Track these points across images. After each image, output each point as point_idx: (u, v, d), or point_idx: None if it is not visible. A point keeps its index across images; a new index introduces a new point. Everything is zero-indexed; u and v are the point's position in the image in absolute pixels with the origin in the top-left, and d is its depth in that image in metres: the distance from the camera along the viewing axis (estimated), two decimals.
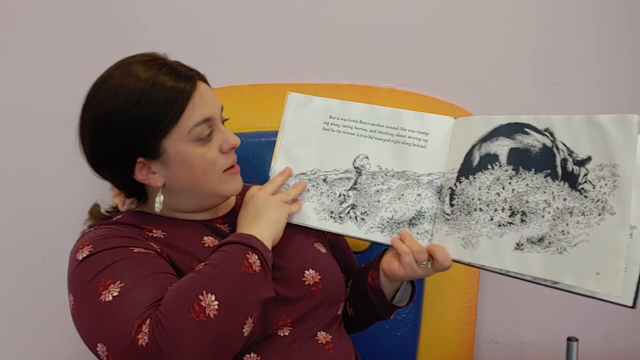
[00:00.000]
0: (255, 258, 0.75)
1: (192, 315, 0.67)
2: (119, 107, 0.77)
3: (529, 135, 0.81)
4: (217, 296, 0.69)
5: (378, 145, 0.91)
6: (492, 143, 0.84)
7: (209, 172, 0.82)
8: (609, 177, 0.72)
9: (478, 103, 1.32)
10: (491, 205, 0.82)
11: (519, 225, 0.79)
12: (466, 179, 0.85)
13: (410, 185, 0.89)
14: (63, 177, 1.34)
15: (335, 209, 0.90)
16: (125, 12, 1.30)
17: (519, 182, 0.81)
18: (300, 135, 0.94)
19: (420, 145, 0.89)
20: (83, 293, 0.73)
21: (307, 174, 0.93)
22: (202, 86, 0.82)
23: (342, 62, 1.33)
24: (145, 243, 0.79)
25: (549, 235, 0.76)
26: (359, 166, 0.91)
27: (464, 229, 0.83)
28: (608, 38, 1.35)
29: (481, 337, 1.41)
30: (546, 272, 0.76)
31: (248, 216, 0.84)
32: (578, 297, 1.44)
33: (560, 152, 0.78)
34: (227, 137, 0.84)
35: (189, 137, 0.79)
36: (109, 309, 0.69)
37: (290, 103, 0.95)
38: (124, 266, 0.73)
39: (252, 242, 0.77)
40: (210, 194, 0.85)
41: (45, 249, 1.35)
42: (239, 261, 0.74)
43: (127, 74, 0.78)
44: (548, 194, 0.78)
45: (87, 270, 0.74)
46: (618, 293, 0.69)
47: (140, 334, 0.66)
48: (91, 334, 0.71)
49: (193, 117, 0.79)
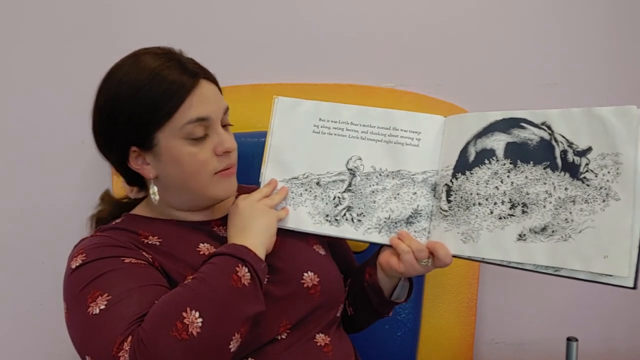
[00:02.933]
0: (245, 271, 0.73)
1: (174, 334, 0.65)
2: (120, 95, 0.79)
3: (526, 129, 0.82)
4: (201, 313, 0.67)
5: (371, 146, 0.91)
6: (488, 138, 0.85)
7: (199, 173, 0.82)
8: (611, 165, 0.75)
9: (478, 103, 1.32)
10: (490, 199, 0.82)
11: (520, 217, 0.80)
12: (462, 175, 0.85)
13: (406, 184, 0.89)
14: (63, 177, 1.34)
15: (331, 211, 0.90)
16: (125, 12, 1.30)
17: (517, 175, 0.81)
18: (289, 139, 0.93)
19: (413, 144, 0.89)
20: (73, 303, 0.73)
21: (299, 178, 0.92)
22: (206, 86, 0.81)
23: (342, 62, 1.33)
24: (138, 252, 0.78)
25: (552, 224, 0.78)
26: (353, 167, 0.91)
27: (463, 224, 0.84)
28: (608, 38, 1.35)
29: (481, 337, 1.41)
30: (552, 260, 0.77)
31: (236, 227, 0.82)
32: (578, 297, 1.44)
33: (559, 144, 0.79)
34: (223, 140, 0.82)
35: (181, 134, 0.79)
36: (95, 322, 0.69)
37: (278, 107, 0.94)
38: (113, 278, 0.73)
39: (243, 253, 0.75)
40: (200, 194, 0.84)
41: (45, 249, 1.35)
42: (228, 275, 0.72)
43: (136, 64, 0.80)
44: (549, 185, 0.79)
45: (78, 279, 0.74)
46: (626, 274, 0.72)
47: (121, 352, 0.65)
48: (80, 346, 0.71)
49: (188, 115, 0.78)
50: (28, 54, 1.31)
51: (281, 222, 0.88)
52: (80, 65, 1.30)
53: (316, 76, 1.32)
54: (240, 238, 0.79)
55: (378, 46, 1.33)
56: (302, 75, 1.32)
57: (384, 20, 1.32)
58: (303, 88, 1.31)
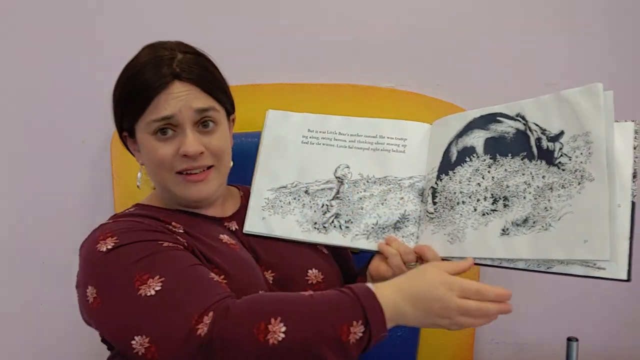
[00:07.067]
0: (361, 330, 0.66)
1: (254, 330, 0.65)
2: (118, 83, 0.86)
3: (502, 123, 0.83)
4: (287, 330, 0.65)
5: (358, 154, 0.92)
6: (468, 136, 0.85)
7: (158, 168, 0.85)
8: (583, 146, 0.74)
9: (478, 103, 1.31)
10: (473, 197, 0.82)
11: (502, 211, 0.79)
12: (446, 176, 0.85)
13: (393, 190, 0.89)
14: (63, 177, 1.34)
15: (319, 219, 0.91)
16: (125, 12, 1.30)
17: (497, 169, 0.81)
18: (279, 150, 0.95)
19: (399, 151, 0.90)
20: (112, 286, 0.73)
21: (287, 187, 0.93)
22: (178, 87, 0.82)
23: (342, 62, 1.33)
24: (172, 237, 0.79)
25: (533, 214, 0.77)
26: (341, 176, 0.92)
27: (449, 225, 0.83)
28: (608, 38, 1.35)
29: (481, 337, 1.41)
30: (535, 252, 0.75)
31: (416, 288, 0.70)
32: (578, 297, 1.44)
33: (533, 133, 0.79)
34: (185, 142, 0.82)
35: (148, 129, 0.83)
36: (155, 303, 0.69)
37: (269, 120, 0.98)
38: (158, 260, 0.73)
39: (375, 314, 0.67)
40: (169, 191, 0.87)
41: (45, 249, 1.35)
42: (341, 320, 0.66)
43: (136, 56, 0.86)
44: (527, 175, 0.79)
45: (115, 262, 0.74)
46: (607, 257, 0.70)
47: (200, 324, 0.66)
48: (126, 327, 0.70)
49: (154, 113, 0.82)
50: (28, 54, 1.31)
51: (270, 230, 0.90)
52: (80, 65, 1.30)
53: (316, 76, 1.32)
54: (401, 294, 0.69)
55: (378, 46, 1.33)
56: (302, 76, 1.32)
57: (384, 20, 1.32)
58: (303, 88, 1.31)
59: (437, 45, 1.33)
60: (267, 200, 0.93)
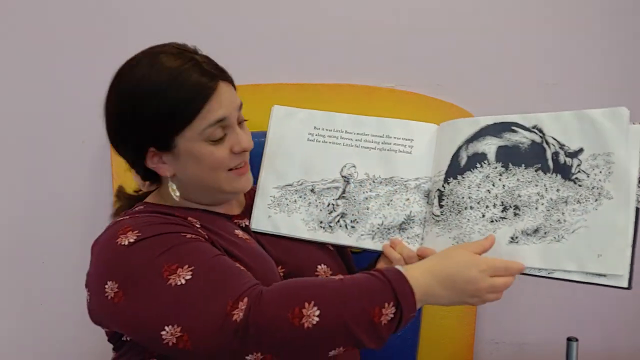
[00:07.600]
0: (392, 312, 0.69)
1: (289, 314, 0.67)
2: (138, 96, 0.78)
3: (517, 132, 0.83)
4: (321, 313, 0.67)
5: (364, 153, 0.91)
6: (479, 142, 0.85)
7: (215, 170, 0.83)
8: (603, 165, 0.75)
9: (478, 103, 1.32)
10: (482, 203, 0.82)
11: (512, 219, 0.80)
12: (454, 180, 0.85)
13: (399, 191, 0.89)
14: (63, 177, 1.34)
15: (325, 218, 0.91)
16: (126, 12, 1.30)
17: (509, 178, 0.81)
18: (285, 147, 0.95)
19: (406, 152, 0.90)
20: (139, 278, 0.72)
21: (293, 185, 0.93)
22: (223, 87, 0.81)
23: (342, 62, 1.33)
24: (193, 229, 0.80)
25: (544, 225, 0.78)
26: (347, 175, 0.91)
27: (455, 229, 0.84)
28: (609, 38, 1.35)
29: (481, 337, 1.41)
30: (544, 261, 0.77)
31: (448, 269, 0.74)
32: (578, 297, 1.44)
33: (550, 146, 0.80)
34: (240, 140, 0.83)
35: (201, 137, 0.80)
36: (187, 291, 0.69)
37: (274, 116, 0.97)
38: (184, 251, 0.73)
39: (405, 296, 0.70)
40: (217, 190, 0.86)
41: (45, 249, 1.35)
42: (372, 303, 0.69)
43: (154, 64, 0.79)
44: (540, 187, 0.79)
45: (140, 255, 0.73)
46: (621, 272, 0.72)
47: (235, 310, 0.67)
48: (155, 318, 0.70)
49: (207, 119, 0.79)
50: (28, 54, 1.31)
51: (275, 229, 0.91)
52: (80, 65, 1.30)
53: (316, 76, 1.32)
54: (434, 278, 0.73)
55: (378, 46, 1.33)
56: (302, 76, 1.32)
57: (384, 20, 1.32)
58: (303, 88, 1.31)
59: (437, 45, 1.33)
60: (273, 198, 0.93)
